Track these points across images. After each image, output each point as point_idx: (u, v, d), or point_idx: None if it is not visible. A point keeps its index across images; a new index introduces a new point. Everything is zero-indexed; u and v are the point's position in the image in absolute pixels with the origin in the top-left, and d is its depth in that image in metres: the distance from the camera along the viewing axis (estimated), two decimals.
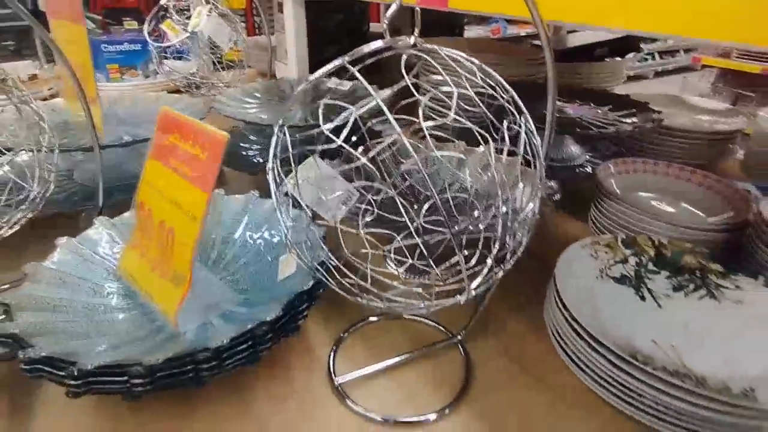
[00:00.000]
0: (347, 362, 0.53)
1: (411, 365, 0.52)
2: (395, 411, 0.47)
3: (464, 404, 0.48)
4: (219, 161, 0.45)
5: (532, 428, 0.46)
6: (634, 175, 0.77)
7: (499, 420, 0.46)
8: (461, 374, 0.51)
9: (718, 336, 0.49)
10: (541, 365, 0.52)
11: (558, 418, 0.47)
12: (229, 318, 0.52)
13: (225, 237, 0.65)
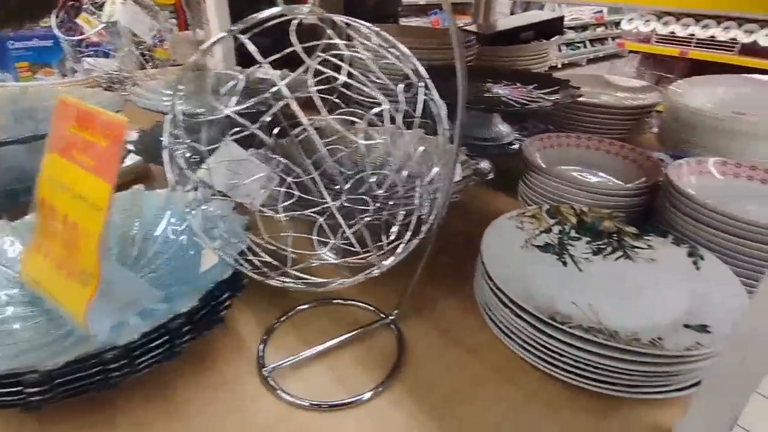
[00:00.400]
0: (279, 351, 0.51)
1: (344, 349, 0.51)
2: (327, 395, 0.46)
3: (398, 381, 0.48)
4: (120, 148, 0.43)
5: (467, 399, 0.46)
6: (558, 150, 0.80)
7: (433, 393, 0.47)
8: (394, 353, 0.51)
9: (632, 292, 0.51)
10: (473, 338, 0.53)
11: (491, 388, 0.47)
12: (148, 315, 0.49)
13: (146, 233, 0.61)
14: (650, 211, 0.66)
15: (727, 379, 0.36)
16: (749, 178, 0.65)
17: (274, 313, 0.57)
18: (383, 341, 0.53)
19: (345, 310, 0.57)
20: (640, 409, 0.45)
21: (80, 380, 0.38)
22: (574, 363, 0.44)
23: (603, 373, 0.43)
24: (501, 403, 0.46)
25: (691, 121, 0.86)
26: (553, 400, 0.46)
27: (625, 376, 0.42)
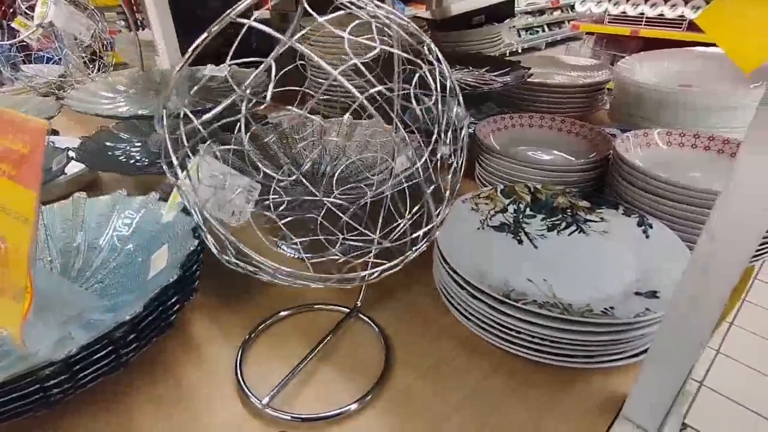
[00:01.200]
0: (254, 364, 0.49)
1: (323, 355, 0.50)
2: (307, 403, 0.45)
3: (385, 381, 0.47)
4: (42, 152, 0.40)
5: (438, 381, 0.46)
6: (512, 131, 0.80)
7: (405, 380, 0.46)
8: (379, 352, 0.50)
9: (586, 265, 0.52)
10: (437, 323, 0.53)
11: (456, 368, 0.47)
12: (93, 328, 0.47)
13: (91, 242, 0.59)
14: (602, 184, 0.68)
15: (673, 340, 0.36)
16: (693, 147, 0.67)
17: (237, 323, 0.54)
18: (357, 336, 0.52)
19: (313, 316, 0.55)
20: (596, 379, 0.46)
21: (18, 400, 0.36)
22: (530, 339, 0.44)
23: (559, 347, 0.43)
24: (462, 388, 0.46)
25: (639, 96, 0.88)
26: (514, 376, 0.46)
27: (580, 347, 0.43)
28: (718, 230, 0.31)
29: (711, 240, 0.32)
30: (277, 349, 0.50)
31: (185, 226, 0.54)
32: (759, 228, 0.30)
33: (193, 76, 0.95)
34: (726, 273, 0.32)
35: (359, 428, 0.42)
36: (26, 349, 0.43)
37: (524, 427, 0.42)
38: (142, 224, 0.58)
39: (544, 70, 1.22)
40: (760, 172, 0.28)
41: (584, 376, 0.46)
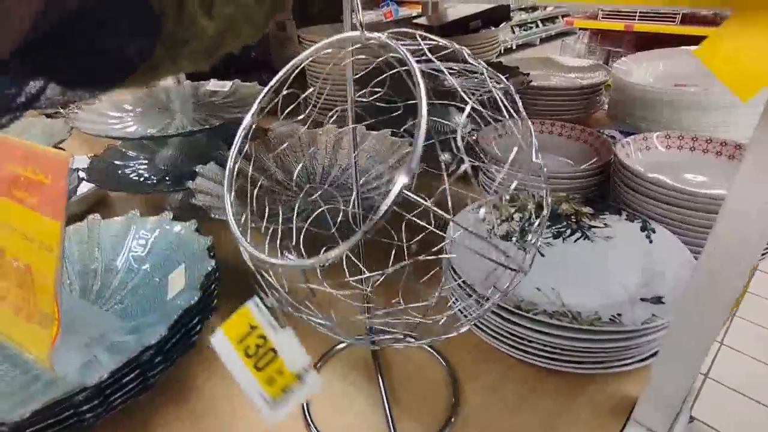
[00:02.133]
0: None
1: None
2: None
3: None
4: (65, 184, 0.41)
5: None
6: (512, 136, 0.81)
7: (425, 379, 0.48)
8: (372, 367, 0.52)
9: (592, 272, 0.54)
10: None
11: (470, 374, 0.49)
12: (117, 349, 0.49)
13: (108, 264, 0.60)
14: (605, 189, 0.69)
15: (680, 345, 0.38)
16: (691, 149, 0.68)
17: None
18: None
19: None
20: (607, 383, 0.47)
21: (53, 426, 0.37)
22: (542, 347, 0.45)
23: (569, 353, 0.45)
24: (477, 393, 0.47)
25: (636, 97, 0.89)
26: (526, 382, 0.48)
27: (589, 354, 0.44)
28: (723, 237, 0.33)
29: (716, 247, 0.33)
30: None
31: (200, 245, 0.55)
32: (762, 235, 0.31)
33: (197, 92, 0.96)
34: (732, 278, 0.34)
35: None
36: (55, 373, 0.45)
37: (539, 427, 0.44)
38: (157, 244, 0.60)
39: (541, 72, 1.23)
40: (761, 182, 0.29)
41: (595, 381, 0.48)
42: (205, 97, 0.94)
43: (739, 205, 0.31)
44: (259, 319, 0.27)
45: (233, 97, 0.94)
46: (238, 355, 0.27)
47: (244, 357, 0.27)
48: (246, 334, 0.27)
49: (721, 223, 0.32)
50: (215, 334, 0.29)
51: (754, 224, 0.31)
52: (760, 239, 0.31)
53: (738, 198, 0.31)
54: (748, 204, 0.30)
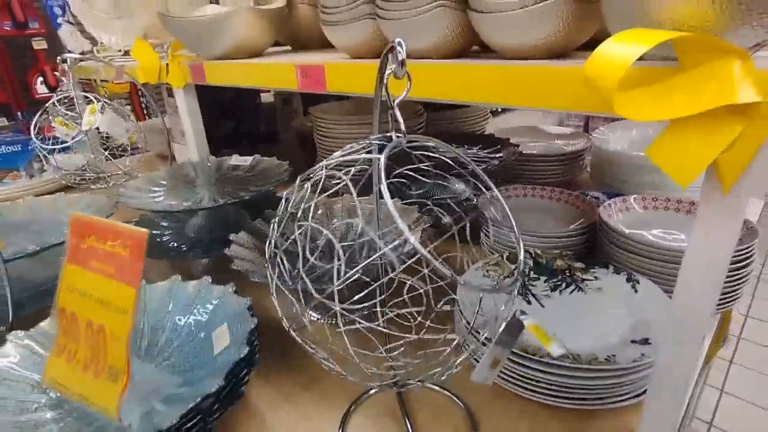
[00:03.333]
0: None
1: None
2: None
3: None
4: (142, 256, 0.49)
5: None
6: (511, 201, 0.91)
7: None
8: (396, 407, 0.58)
9: (587, 319, 0.61)
10: (465, 380, 0.61)
11: (487, 414, 0.55)
12: (171, 401, 0.54)
13: (153, 325, 0.66)
14: (593, 245, 0.78)
15: (665, 378, 0.45)
16: (665, 209, 0.78)
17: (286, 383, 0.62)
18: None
19: None
20: (608, 419, 0.53)
21: None
22: (548, 386, 0.52)
23: (572, 391, 0.51)
24: (491, 429, 0.53)
25: (614, 161, 1.01)
26: (536, 419, 0.54)
27: (590, 391, 0.51)
28: (686, 286, 0.41)
29: (682, 295, 0.41)
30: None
31: (241, 305, 0.62)
32: (716, 283, 0.39)
33: (221, 167, 1.07)
34: (698, 321, 0.41)
35: None
36: (123, 423, 0.50)
37: None
38: (199, 305, 0.66)
39: (528, 139, 1.36)
40: (709, 240, 0.38)
41: (597, 417, 0.54)
42: (229, 171, 1.04)
43: (694, 258, 0.40)
44: (533, 323, 0.43)
45: (254, 171, 1.04)
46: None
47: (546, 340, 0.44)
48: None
49: (683, 274, 0.40)
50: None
51: (708, 275, 0.39)
52: (714, 288, 0.39)
53: (693, 252, 0.39)
54: (701, 257, 0.39)
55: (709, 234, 0.37)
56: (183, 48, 0.96)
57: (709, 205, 0.36)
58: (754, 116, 0.31)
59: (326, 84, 0.65)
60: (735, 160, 0.32)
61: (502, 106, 0.49)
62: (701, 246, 0.38)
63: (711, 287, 0.39)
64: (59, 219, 0.88)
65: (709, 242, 0.37)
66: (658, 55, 0.35)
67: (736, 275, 0.63)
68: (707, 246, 0.38)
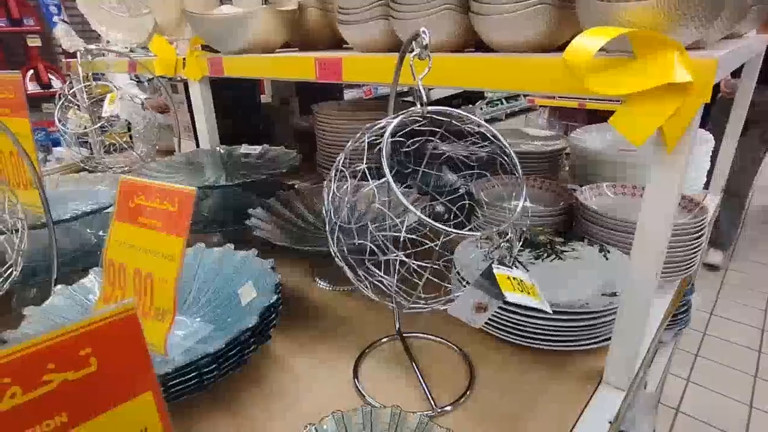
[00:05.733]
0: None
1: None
2: None
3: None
4: (190, 210, 0.57)
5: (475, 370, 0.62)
6: (497, 189, 1.02)
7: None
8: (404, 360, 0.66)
9: (565, 280, 0.71)
10: (463, 334, 0.70)
11: (481, 357, 0.64)
12: (208, 341, 0.62)
13: (182, 285, 0.73)
14: (570, 224, 0.88)
15: (627, 320, 0.55)
16: (632, 195, 0.89)
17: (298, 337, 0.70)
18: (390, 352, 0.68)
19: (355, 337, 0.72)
20: (585, 359, 0.63)
21: (180, 384, 0.50)
22: (534, 331, 0.61)
23: (555, 335, 0.61)
24: (487, 370, 0.62)
25: (590, 160, 1.12)
26: (523, 361, 0.63)
27: (569, 333, 0.61)
28: (638, 248, 0.51)
29: (636, 255, 0.51)
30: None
31: (264, 266, 0.70)
32: (661, 245, 0.49)
33: (231, 154, 1.14)
34: (648, 272, 0.51)
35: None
36: (167, 355, 0.58)
37: (535, 391, 0.59)
38: (222, 268, 0.74)
39: (512, 140, 1.48)
40: (654, 214, 0.48)
41: (575, 357, 0.63)
42: (239, 158, 1.12)
43: (649, 207, 0.50)
44: (505, 272, 0.49)
45: (262, 159, 1.13)
46: (515, 293, 0.48)
47: (518, 292, 0.48)
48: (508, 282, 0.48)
49: (640, 221, 0.50)
50: (508, 296, 0.47)
51: (660, 222, 0.49)
52: (660, 249, 0.49)
53: (648, 201, 0.49)
54: (654, 206, 0.49)
55: (660, 185, 0.47)
56: (202, 43, 1.05)
57: (658, 165, 0.46)
58: (689, 93, 0.42)
59: (342, 74, 0.75)
60: (676, 126, 0.43)
61: (497, 91, 0.59)
62: (654, 197, 0.48)
63: (663, 231, 0.49)
64: (85, 195, 0.94)
65: (659, 194, 0.47)
66: (619, 49, 0.46)
67: (690, 245, 0.74)
68: (658, 197, 0.48)
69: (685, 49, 0.42)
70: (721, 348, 1.98)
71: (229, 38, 0.93)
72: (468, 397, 0.59)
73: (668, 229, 0.49)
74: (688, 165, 0.46)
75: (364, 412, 0.51)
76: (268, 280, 0.67)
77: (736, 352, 1.95)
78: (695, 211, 0.78)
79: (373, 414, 0.51)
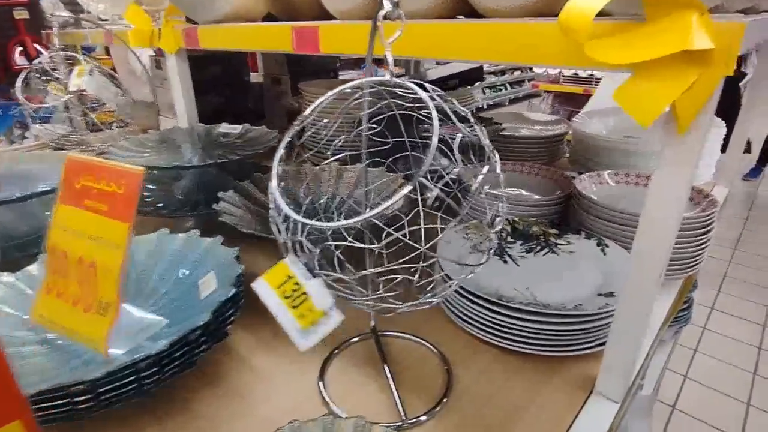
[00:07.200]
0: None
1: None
2: None
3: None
4: (137, 194, 0.51)
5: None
6: (490, 174, 0.95)
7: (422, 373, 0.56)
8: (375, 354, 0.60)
9: (558, 277, 0.65)
10: (443, 334, 0.64)
11: (462, 362, 0.58)
12: (159, 338, 0.56)
13: (141, 274, 0.68)
14: (566, 215, 0.82)
15: (624, 324, 0.48)
16: (636, 184, 0.83)
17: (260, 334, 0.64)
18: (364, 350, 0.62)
19: None
20: (575, 365, 0.57)
21: (117, 390, 0.44)
22: (520, 334, 0.55)
23: (543, 339, 0.55)
24: (467, 376, 0.56)
25: (592, 146, 1.05)
26: (508, 367, 0.57)
27: (559, 337, 0.55)
28: (641, 243, 0.44)
29: (641, 245, 0.45)
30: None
31: (228, 255, 0.64)
32: (668, 241, 0.43)
33: (210, 133, 1.08)
34: (650, 272, 0.45)
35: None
36: (109, 356, 0.52)
37: (520, 400, 0.53)
38: (186, 256, 0.68)
39: (511, 124, 1.40)
40: (662, 204, 0.42)
41: (565, 363, 0.57)
42: (218, 138, 1.05)
43: (656, 198, 0.43)
44: (295, 271, 0.37)
45: (242, 139, 1.06)
46: (278, 296, 0.36)
47: (282, 298, 0.36)
48: (284, 281, 0.36)
49: (640, 232, 0.44)
50: (257, 282, 0.37)
51: (660, 234, 0.43)
52: (666, 245, 0.43)
53: (654, 192, 0.43)
54: (662, 197, 0.42)
55: (669, 172, 0.40)
56: (178, 14, 0.97)
57: (668, 148, 0.39)
58: (709, 63, 0.35)
59: (320, 45, 0.68)
60: (691, 103, 0.36)
61: (490, 62, 0.52)
62: (662, 184, 0.41)
63: (671, 226, 0.43)
64: (47, 174, 0.87)
65: (669, 181, 0.41)
66: (627, 12, 0.39)
67: (698, 240, 0.67)
68: (668, 185, 0.41)
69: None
70: (721, 344, 1.93)
71: (205, 6, 0.85)
72: (445, 406, 0.53)
73: (677, 223, 0.43)
74: (703, 150, 0.40)
75: (324, 422, 0.45)
76: (230, 272, 0.60)
77: (736, 349, 1.90)
78: (704, 204, 0.72)
79: (334, 425, 0.45)
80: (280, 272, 0.38)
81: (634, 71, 0.37)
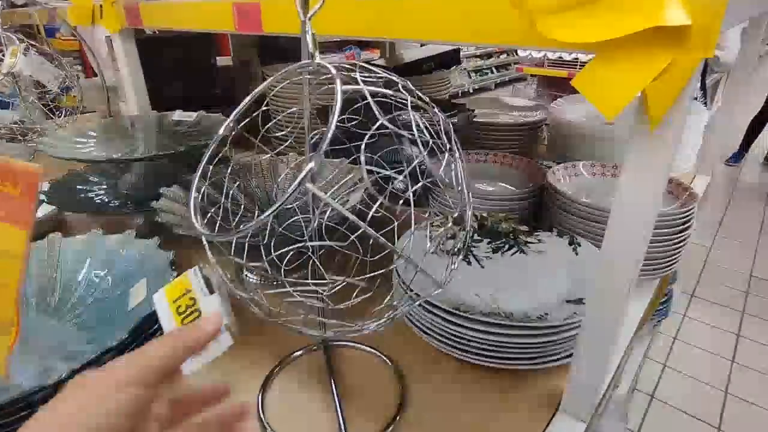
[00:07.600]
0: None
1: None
2: None
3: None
4: (35, 196, 0.44)
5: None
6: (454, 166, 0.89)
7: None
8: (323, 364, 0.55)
9: (525, 281, 0.60)
10: (399, 344, 0.58)
11: (419, 376, 0.53)
12: (74, 357, 0.50)
13: (67, 280, 0.61)
14: (539, 209, 0.76)
15: (592, 335, 0.43)
16: (613, 176, 0.77)
17: None
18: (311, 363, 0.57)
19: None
20: (540, 380, 0.52)
21: (8, 426, 0.38)
22: (480, 346, 0.50)
23: (504, 351, 0.50)
24: (423, 393, 0.51)
25: (570, 133, 1.00)
26: (468, 382, 0.52)
27: (522, 350, 0.50)
28: (611, 243, 0.39)
29: (609, 251, 0.39)
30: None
31: (163, 260, 0.58)
32: (640, 244, 0.38)
33: (161, 122, 1.00)
34: (622, 276, 0.40)
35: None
36: (10, 381, 0.45)
37: (481, 419, 0.48)
38: (119, 260, 0.61)
39: (489, 110, 1.34)
40: (634, 203, 0.36)
41: (529, 378, 0.52)
42: (171, 127, 0.98)
43: (620, 221, 0.38)
44: (193, 285, 0.31)
45: (198, 128, 0.98)
46: (170, 311, 0.30)
47: (174, 314, 0.30)
48: (180, 295, 0.31)
49: (609, 234, 0.39)
50: (158, 293, 0.32)
51: (634, 236, 0.37)
52: (640, 245, 0.38)
53: (623, 192, 0.37)
54: (631, 197, 0.37)
55: (639, 171, 0.35)
56: None
57: (639, 141, 0.34)
58: (685, 43, 0.29)
59: (262, 23, 0.60)
60: (664, 91, 0.30)
61: (433, 42, 0.45)
62: (633, 181, 0.36)
63: (641, 230, 0.37)
64: None
65: (641, 177, 0.35)
66: None
67: (675, 238, 0.62)
68: (640, 182, 0.36)
69: None
70: (700, 331, 1.92)
71: None
72: (397, 425, 0.48)
73: (649, 227, 0.37)
74: (678, 144, 0.34)
75: None
76: (163, 280, 0.54)
77: (715, 337, 1.89)
78: (683, 198, 0.67)
79: None
80: (180, 285, 0.32)
81: (596, 52, 0.31)
